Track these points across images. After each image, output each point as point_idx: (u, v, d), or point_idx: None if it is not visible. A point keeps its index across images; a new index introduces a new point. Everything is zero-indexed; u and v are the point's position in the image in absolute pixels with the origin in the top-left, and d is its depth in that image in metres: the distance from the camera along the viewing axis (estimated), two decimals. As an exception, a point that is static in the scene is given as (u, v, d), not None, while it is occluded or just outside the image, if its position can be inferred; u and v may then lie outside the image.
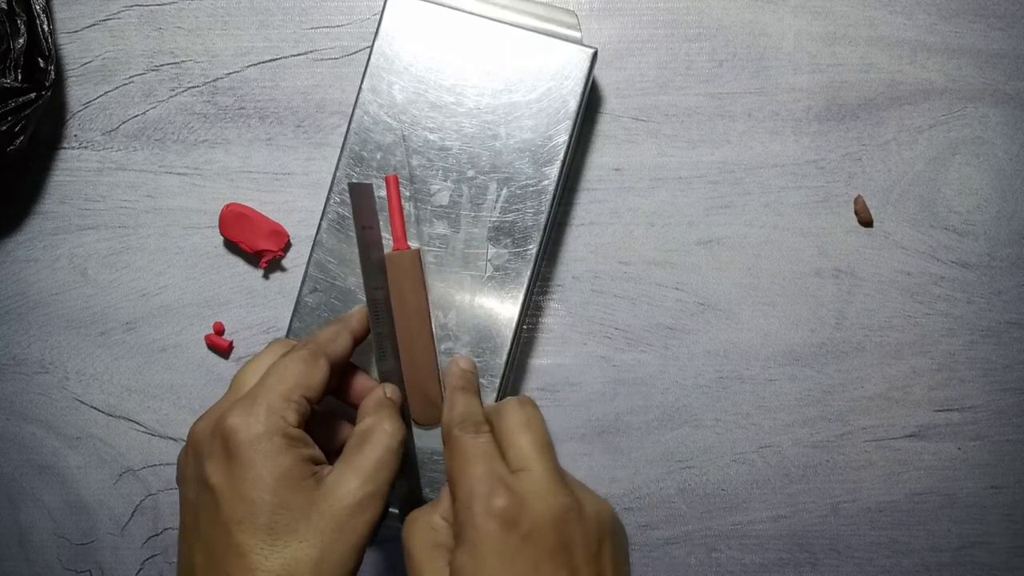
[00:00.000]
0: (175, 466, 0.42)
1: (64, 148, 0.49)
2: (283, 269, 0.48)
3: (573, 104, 0.42)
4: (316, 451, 0.36)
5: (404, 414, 0.41)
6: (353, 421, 0.39)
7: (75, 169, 0.49)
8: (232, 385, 0.37)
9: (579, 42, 0.43)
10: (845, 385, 0.48)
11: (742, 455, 0.48)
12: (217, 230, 0.48)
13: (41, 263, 0.49)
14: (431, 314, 0.42)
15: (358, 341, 0.40)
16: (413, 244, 0.42)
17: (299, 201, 0.48)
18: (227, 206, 0.47)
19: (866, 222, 0.48)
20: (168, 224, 0.48)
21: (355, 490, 0.34)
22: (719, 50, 0.48)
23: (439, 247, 0.42)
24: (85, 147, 0.48)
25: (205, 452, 0.34)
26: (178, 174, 0.48)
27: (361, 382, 0.41)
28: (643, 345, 0.48)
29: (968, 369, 0.49)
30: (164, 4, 0.48)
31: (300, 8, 0.48)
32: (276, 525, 0.33)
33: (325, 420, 0.39)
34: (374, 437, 0.37)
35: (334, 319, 0.41)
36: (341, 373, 0.39)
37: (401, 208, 0.42)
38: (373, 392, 0.39)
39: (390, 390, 0.40)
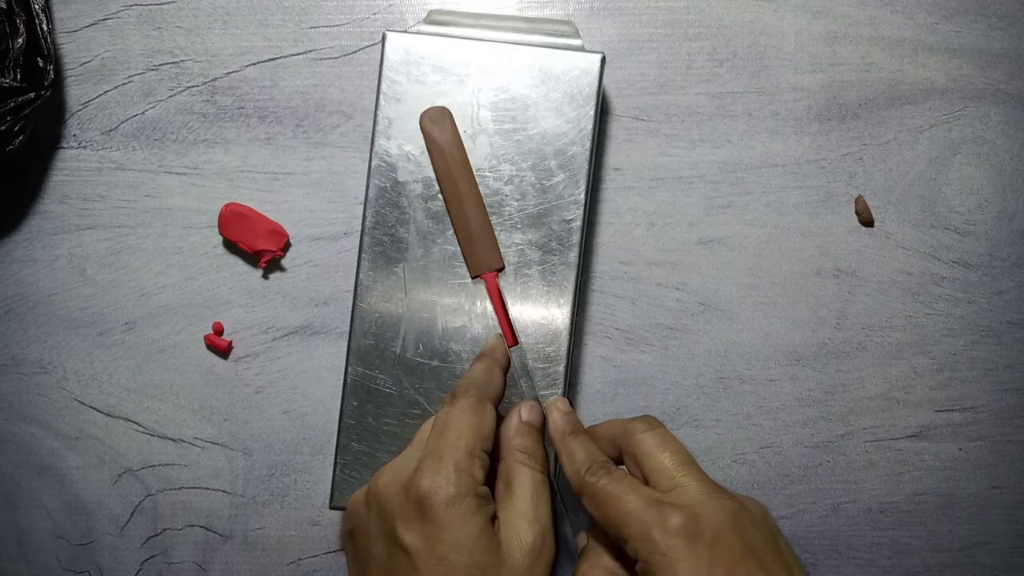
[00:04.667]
0: (341, 514, 0.42)
1: (63, 148, 0.48)
2: (282, 269, 0.48)
3: (591, 111, 0.42)
4: (494, 506, 0.37)
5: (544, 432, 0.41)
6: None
7: (74, 169, 0.48)
8: (413, 440, 0.38)
9: (581, 49, 0.43)
10: (846, 385, 0.48)
11: (742, 455, 0.48)
12: (216, 230, 0.48)
13: (40, 263, 0.49)
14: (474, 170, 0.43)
15: (505, 372, 0.41)
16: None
17: (298, 201, 0.48)
18: (226, 206, 0.47)
19: (867, 222, 0.48)
20: (167, 224, 0.48)
21: (527, 535, 0.35)
22: (719, 50, 0.48)
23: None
24: (84, 147, 0.48)
25: (396, 512, 0.35)
26: (177, 174, 0.48)
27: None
28: (643, 345, 0.48)
29: (969, 369, 0.48)
30: (163, 3, 0.48)
31: (299, 8, 0.48)
32: None
33: None
34: (520, 476, 0.37)
35: (479, 356, 0.41)
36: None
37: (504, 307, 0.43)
38: (509, 419, 0.40)
39: (526, 412, 0.40)
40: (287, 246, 0.48)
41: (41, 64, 0.45)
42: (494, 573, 0.34)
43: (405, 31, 0.44)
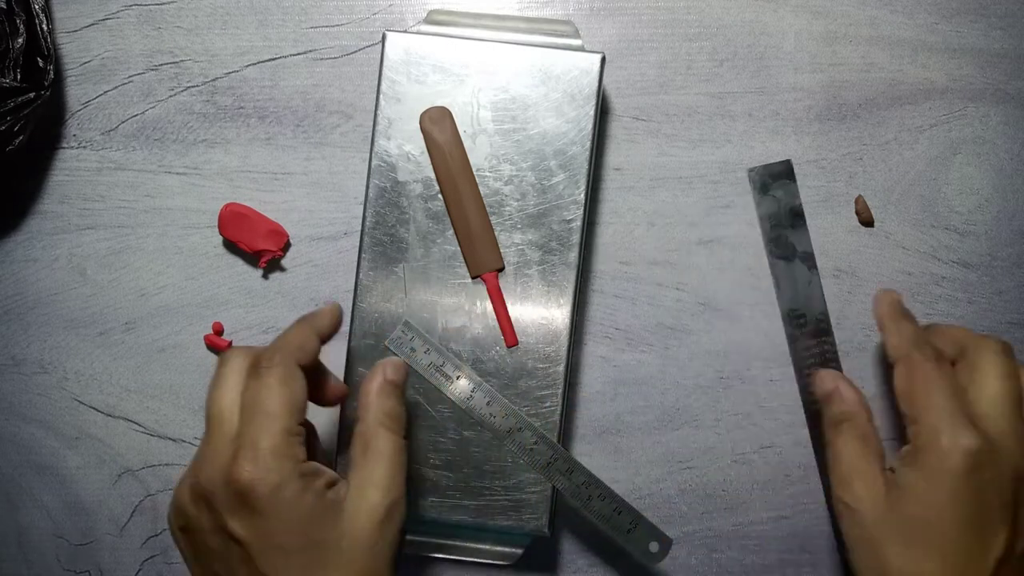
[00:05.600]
0: (171, 492, 0.40)
1: (63, 148, 0.48)
2: (282, 269, 0.48)
3: (591, 111, 0.42)
4: (328, 474, 0.35)
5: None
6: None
7: (74, 169, 0.48)
8: (213, 419, 0.35)
9: (581, 49, 0.43)
10: (846, 385, 0.48)
11: (743, 455, 0.48)
12: (216, 230, 0.48)
13: (40, 263, 0.49)
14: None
15: (325, 341, 0.38)
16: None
17: (298, 201, 0.48)
18: (226, 206, 0.47)
19: (867, 222, 0.48)
20: (167, 224, 0.48)
21: (378, 504, 0.34)
22: (719, 49, 0.48)
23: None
24: (84, 147, 0.48)
25: (223, 506, 0.33)
26: (177, 174, 0.48)
27: (331, 384, 0.40)
28: (643, 345, 0.48)
29: (969, 369, 0.48)
30: (163, 3, 0.48)
31: (299, 7, 0.48)
32: (311, 563, 0.33)
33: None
34: (381, 441, 0.35)
35: (300, 318, 0.38)
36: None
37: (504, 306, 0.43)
38: (372, 377, 0.37)
39: (391, 370, 0.37)
40: (287, 246, 0.48)
41: (41, 64, 0.45)
42: (335, 544, 0.33)
43: (405, 31, 0.44)
